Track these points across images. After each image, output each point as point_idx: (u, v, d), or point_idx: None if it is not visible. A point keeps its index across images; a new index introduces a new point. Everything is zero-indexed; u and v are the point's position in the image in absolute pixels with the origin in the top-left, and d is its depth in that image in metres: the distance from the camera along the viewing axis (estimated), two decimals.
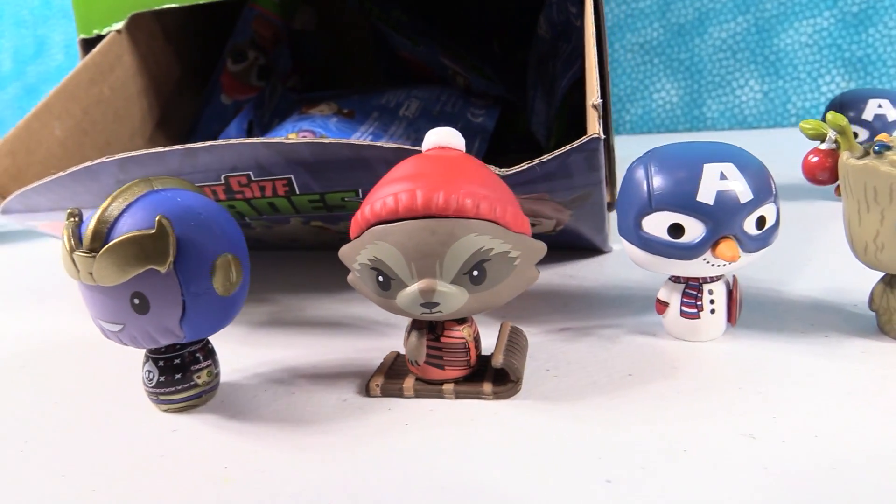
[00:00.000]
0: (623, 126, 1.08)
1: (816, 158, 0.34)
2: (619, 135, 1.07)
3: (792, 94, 1.00)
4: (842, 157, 0.33)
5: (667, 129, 1.05)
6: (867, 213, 0.33)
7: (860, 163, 0.32)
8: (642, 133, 1.07)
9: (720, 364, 0.34)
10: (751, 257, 0.34)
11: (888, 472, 0.25)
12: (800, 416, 0.29)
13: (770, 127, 0.99)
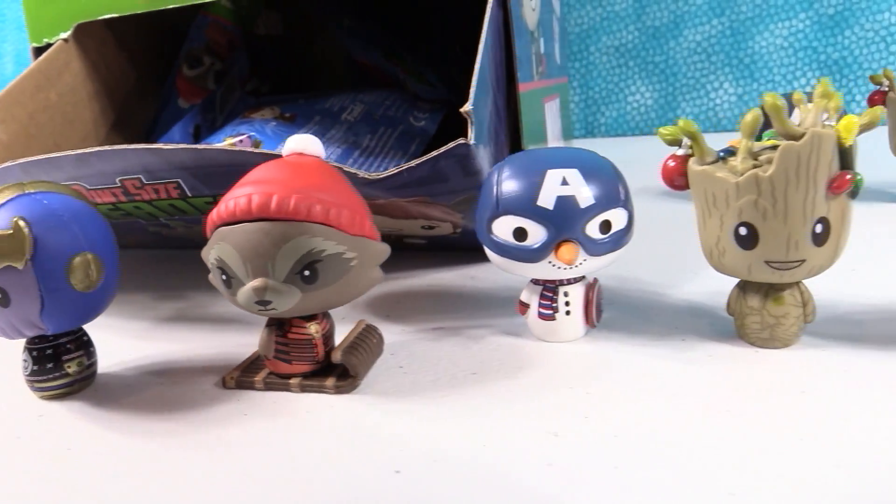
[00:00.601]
0: (598, 129, 1.08)
1: (673, 164, 0.34)
2: (595, 137, 1.07)
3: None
4: (689, 163, 0.34)
5: (641, 131, 1.05)
6: (709, 218, 0.33)
7: (699, 169, 0.33)
8: (617, 136, 1.08)
9: (565, 364, 0.35)
10: (599, 261, 0.35)
11: (678, 472, 0.26)
12: (613, 416, 0.30)
13: None
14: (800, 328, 0.34)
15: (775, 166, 0.30)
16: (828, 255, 0.32)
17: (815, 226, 0.31)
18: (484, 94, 0.42)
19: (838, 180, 0.31)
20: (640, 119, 1.06)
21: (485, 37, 0.43)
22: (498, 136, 0.48)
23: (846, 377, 0.31)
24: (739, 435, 0.27)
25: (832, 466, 0.25)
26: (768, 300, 0.34)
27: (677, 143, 0.35)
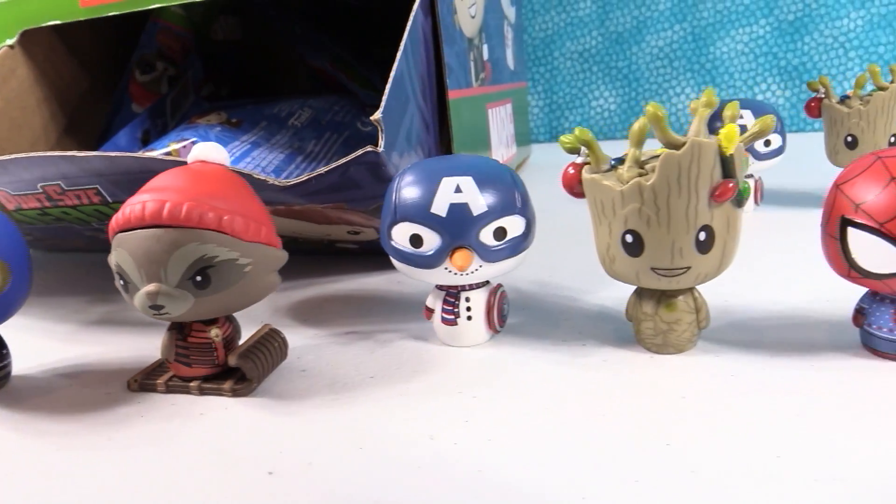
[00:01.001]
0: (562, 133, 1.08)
1: (572, 172, 0.35)
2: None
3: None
4: (582, 172, 0.35)
5: (605, 136, 1.06)
6: (600, 225, 0.34)
7: (589, 177, 0.34)
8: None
9: (461, 369, 0.35)
10: (496, 267, 0.35)
11: (540, 475, 0.26)
12: (492, 420, 0.30)
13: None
14: (693, 334, 0.35)
15: (657, 175, 0.31)
16: (714, 263, 0.33)
17: (698, 233, 0.31)
18: (401, 101, 0.43)
19: (720, 189, 0.31)
20: (603, 124, 1.06)
21: (404, 45, 0.44)
22: (424, 142, 0.48)
23: (732, 382, 0.32)
24: (607, 438, 0.28)
25: (688, 472, 0.26)
26: (661, 306, 0.34)
27: (576, 152, 0.35)
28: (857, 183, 0.31)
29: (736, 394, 0.31)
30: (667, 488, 0.25)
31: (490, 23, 0.65)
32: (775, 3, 0.95)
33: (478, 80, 0.60)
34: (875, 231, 0.30)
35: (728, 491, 0.24)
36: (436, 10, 0.49)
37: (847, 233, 0.31)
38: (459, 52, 0.54)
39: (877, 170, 0.31)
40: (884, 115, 0.55)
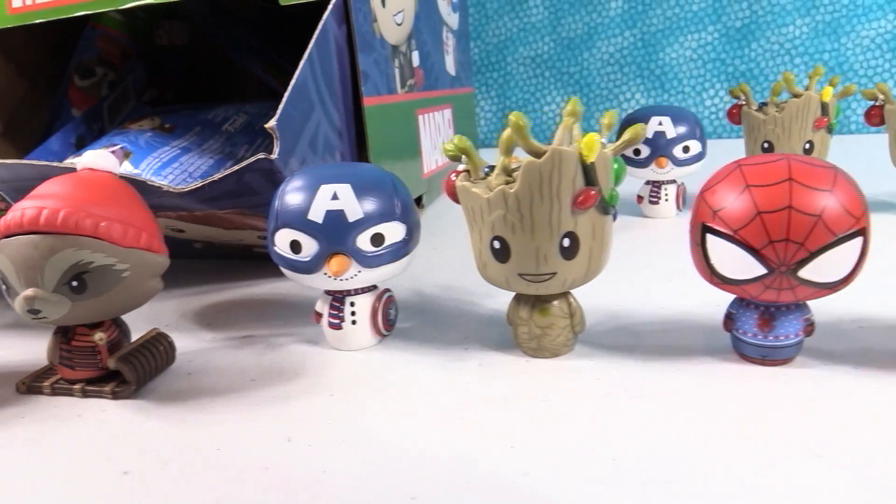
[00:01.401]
0: None
1: (453, 178, 0.36)
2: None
3: None
4: (457, 179, 0.35)
5: None
6: (473, 232, 0.34)
7: (460, 184, 0.34)
8: None
9: (340, 372, 0.36)
10: (375, 272, 0.36)
11: (386, 476, 0.27)
12: (354, 423, 0.31)
13: None
14: (568, 338, 0.36)
15: (519, 183, 0.31)
16: (581, 269, 0.33)
17: (562, 240, 0.32)
18: (303, 109, 0.44)
19: (582, 196, 0.32)
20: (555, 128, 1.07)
21: (308, 53, 0.44)
22: (337, 149, 0.49)
23: (595, 386, 0.33)
24: (456, 440, 0.29)
25: (521, 473, 0.26)
26: (535, 311, 0.35)
27: (459, 159, 0.36)
28: (716, 190, 0.32)
29: (595, 397, 0.32)
30: (499, 489, 0.25)
31: (422, 29, 0.66)
32: (723, 10, 0.96)
33: (405, 86, 0.61)
34: (730, 238, 0.31)
35: (555, 493, 0.25)
36: (350, 19, 0.50)
37: (706, 239, 0.32)
38: (379, 59, 0.54)
39: (735, 178, 0.32)
40: (798, 122, 0.55)
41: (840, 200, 0.30)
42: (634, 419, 0.30)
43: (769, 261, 0.30)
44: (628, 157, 0.59)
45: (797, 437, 0.27)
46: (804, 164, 0.31)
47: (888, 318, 0.38)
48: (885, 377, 0.32)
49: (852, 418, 0.29)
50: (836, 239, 0.30)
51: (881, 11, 0.94)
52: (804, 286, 0.30)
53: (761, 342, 0.33)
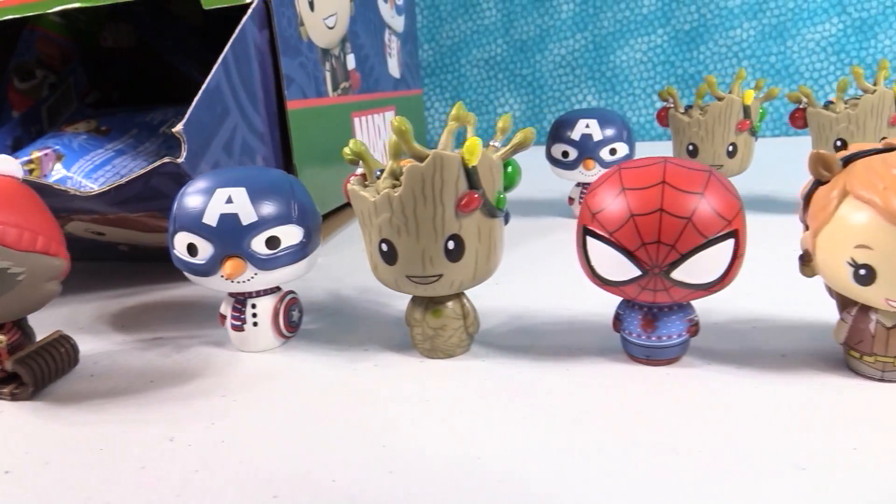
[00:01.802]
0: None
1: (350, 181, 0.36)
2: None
3: (627, 109, 1.01)
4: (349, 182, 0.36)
5: None
6: (364, 234, 0.35)
7: (350, 188, 0.35)
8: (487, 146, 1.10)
9: (238, 373, 0.36)
10: (273, 274, 0.36)
11: (246, 473, 0.27)
12: (236, 423, 0.31)
13: None
14: (462, 339, 0.36)
15: (403, 187, 0.32)
16: (468, 271, 0.34)
17: (447, 242, 0.33)
18: (216, 113, 0.44)
19: (466, 199, 0.32)
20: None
21: (223, 58, 0.45)
22: (258, 152, 0.49)
23: (480, 386, 0.33)
24: (327, 439, 0.29)
25: (386, 472, 0.27)
26: (428, 312, 0.36)
27: (356, 163, 0.36)
28: (596, 193, 0.33)
29: (475, 397, 0.32)
30: (363, 489, 0.26)
31: (359, 32, 0.66)
32: (672, 13, 0.97)
33: (338, 89, 0.61)
34: (606, 240, 0.31)
35: (418, 491, 0.25)
36: (272, 23, 0.50)
37: (587, 241, 0.33)
38: (307, 62, 0.55)
39: (613, 181, 0.32)
40: (721, 125, 0.56)
41: (711, 203, 0.30)
42: (508, 418, 0.30)
43: (643, 262, 0.31)
44: (557, 160, 0.60)
45: (662, 435, 0.28)
46: (679, 168, 0.31)
47: (782, 319, 0.39)
48: (762, 376, 0.32)
49: (720, 416, 0.29)
50: (707, 241, 0.30)
51: (826, 15, 0.96)
52: (678, 287, 0.31)
53: (645, 342, 0.34)
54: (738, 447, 0.27)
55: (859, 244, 0.29)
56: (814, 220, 0.31)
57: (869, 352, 0.31)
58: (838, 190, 0.30)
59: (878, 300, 0.29)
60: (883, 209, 0.28)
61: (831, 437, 0.27)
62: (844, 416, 0.29)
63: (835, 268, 0.30)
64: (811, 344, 0.35)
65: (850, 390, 0.31)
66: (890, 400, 0.30)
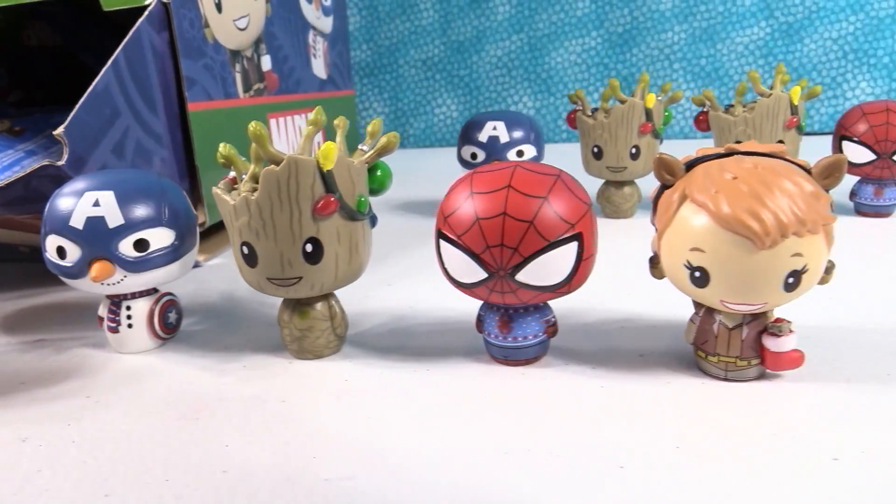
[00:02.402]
0: (407, 140, 1.11)
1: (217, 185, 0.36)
2: (405, 149, 1.10)
3: (563, 110, 1.03)
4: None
5: (448, 143, 1.08)
6: (230, 237, 0.35)
7: (214, 191, 0.35)
8: (425, 147, 1.10)
9: (110, 375, 0.36)
10: (144, 277, 0.37)
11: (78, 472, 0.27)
12: (100, 423, 0.31)
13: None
14: (330, 340, 0.37)
15: (259, 190, 0.32)
16: (329, 273, 0.34)
17: (305, 245, 0.33)
18: (104, 115, 0.44)
19: (322, 203, 0.33)
20: (446, 131, 1.09)
21: (113, 59, 0.45)
22: (155, 154, 0.49)
23: (339, 386, 0.34)
24: (170, 440, 0.30)
25: (220, 472, 0.27)
26: (295, 314, 0.36)
27: (228, 167, 0.37)
28: (449, 196, 0.33)
29: (330, 398, 0.33)
30: (198, 488, 0.26)
31: (277, 34, 0.66)
32: (606, 16, 0.98)
33: (250, 90, 0.61)
34: (455, 243, 0.32)
35: (257, 492, 0.26)
36: (172, 25, 0.50)
37: (440, 244, 0.33)
38: (212, 64, 0.55)
39: (464, 184, 0.33)
40: (624, 127, 0.57)
41: (554, 207, 0.31)
42: (354, 417, 0.31)
43: (488, 265, 0.32)
44: (467, 161, 0.61)
45: (498, 434, 0.29)
46: (527, 172, 0.32)
47: (651, 319, 0.40)
48: (615, 376, 0.33)
49: (559, 416, 0.30)
50: (549, 244, 0.31)
51: (754, 19, 0.97)
52: (524, 289, 0.32)
53: (502, 343, 0.34)
54: (567, 446, 0.28)
55: (694, 247, 0.30)
56: (658, 222, 0.32)
57: (713, 352, 0.32)
58: (679, 193, 0.31)
59: (714, 301, 0.31)
60: (714, 213, 0.29)
61: (657, 436, 0.28)
62: (678, 414, 0.30)
63: (675, 270, 0.31)
64: (670, 344, 0.36)
65: (692, 389, 0.32)
66: (727, 399, 0.31)
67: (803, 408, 0.30)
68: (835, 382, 0.32)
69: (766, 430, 0.28)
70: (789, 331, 0.31)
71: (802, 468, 0.25)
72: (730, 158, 0.31)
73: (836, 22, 0.95)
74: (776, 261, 0.29)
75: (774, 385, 0.32)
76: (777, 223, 0.28)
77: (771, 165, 0.30)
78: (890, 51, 0.95)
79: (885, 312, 0.39)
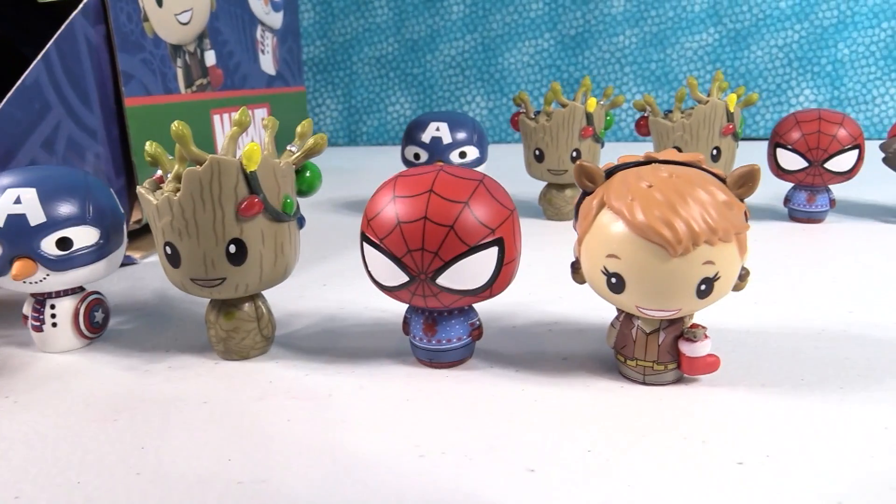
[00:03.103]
0: (360, 137, 1.11)
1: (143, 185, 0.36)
2: (357, 146, 1.10)
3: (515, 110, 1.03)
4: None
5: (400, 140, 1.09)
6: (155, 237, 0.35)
7: (138, 190, 0.35)
8: (378, 144, 1.10)
9: (31, 375, 0.36)
10: (68, 275, 0.36)
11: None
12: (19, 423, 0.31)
13: (496, 143, 1.03)
14: (256, 341, 0.37)
15: (182, 191, 0.32)
16: (253, 274, 0.34)
17: (228, 246, 0.33)
18: (33, 109, 0.43)
19: (246, 203, 0.33)
20: (399, 129, 1.09)
21: (44, 53, 0.44)
22: (89, 149, 0.49)
23: (261, 387, 0.34)
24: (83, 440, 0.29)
25: (134, 474, 0.27)
26: (221, 314, 0.36)
27: (155, 166, 0.36)
28: (374, 199, 0.34)
29: (250, 400, 0.33)
30: (110, 489, 0.26)
31: (222, 29, 0.66)
32: (558, 18, 0.99)
33: (192, 86, 0.61)
34: (378, 246, 0.32)
35: (168, 493, 0.26)
36: (108, 18, 0.50)
37: (364, 247, 0.34)
38: (151, 58, 0.54)
39: (388, 188, 0.33)
40: (565, 131, 0.58)
41: (476, 212, 0.32)
42: (275, 420, 0.31)
43: (410, 269, 0.32)
44: (410, 161, 0.61)
45: (414, 437, 0.29)
46: (451, 177, 0.33)
47: (579, 323, 0.40)
48: (536, 378, 0.34)
49: (475, 418, 0.31)
50: (470, 248, 0.31)
51: (703, 25, 0.99)
52: (446, 293, 0.32)
53: (427, 346, 0.35)
54: (481, 448, 0.28)
55: (610, 253, 0.30)
56: (579, 228, 0.32)
57: (632, 356, 0.33)
58: (598, 200, 0.31)
59: (630, 307, 0.31)
60: (629, 220, 0.29)
61: (570, 439, 0.29)
62: (594, 417, 0.30)
63: (594, 275, 0.32)
64: (595, 348, 0.37)
65: (610, 393, 0.32)
66: (644, 402, 0.31)
67: (715, 412, 0.30)
68: (749, 387, 0.33)
69: (678, 434, 0.29)
70: (704, 336, 0.32)
71: (708, 472, 0.26)
72: (647, 167, 0.31)
73: (781, 30, 0.97)
74: (689, 268, 0.29)
75: (690, 389, 0.32)
76: (689, 231, 0.28)
77: (686, 175, 0.30)
78: (833, 59, 0.98)
79: (809, 318, 0.40)
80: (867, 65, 0.96)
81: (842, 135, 0.57)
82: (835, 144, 0.57)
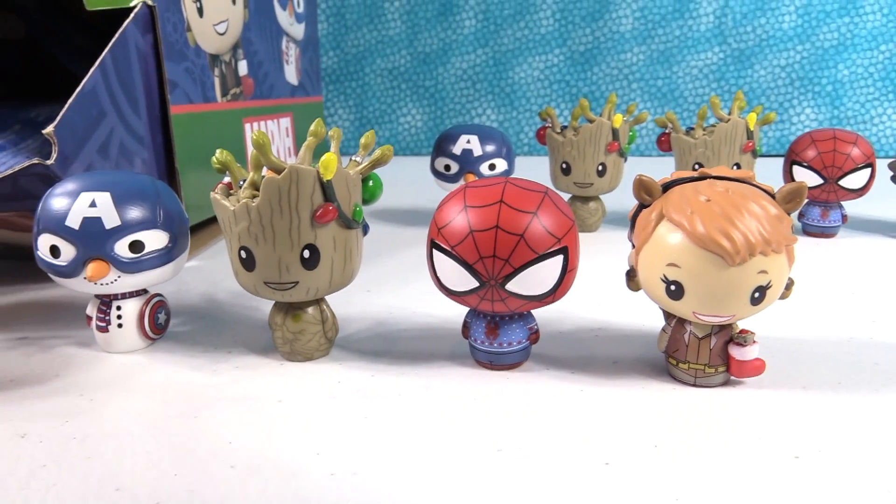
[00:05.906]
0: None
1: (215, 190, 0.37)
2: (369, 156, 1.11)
3: (525, 124, 1.06)
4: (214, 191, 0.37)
5: (412, 151, 1.10)
6: (227, 241, 0.36)
7: (213, 196, 0.36)
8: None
9: (93, 373, 0.37)
10: (137, 278, 0.37)
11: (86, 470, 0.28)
12: (93, 420, 0.32)
13: None
14: (321, 343, 0.38)
15: (260, 198, 0.34)
16: (324, 279, 0.36)
17: (303, 251, 0.34)
18: (91, 116, 0.45)
19: (321, 211, 0.34)
20: (410, 140, 1.10)
21: (101, 60, 0.45)
22: (137, 155, 0.50)
23: (330, 387, 0.35)
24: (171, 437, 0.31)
25: (228, 467, 0.28)
26: (288, 317, 0.37)
27: (224, 172, 0.38)
28: (444, 209, 0.35)
29: (325, 398, 0.34)
30: (205, 480, 0.27)
31: (253, 39, 0.67)
32: (568, 34, 1.02)
33: (227, 95, 0.62)
34: (449, 253, 0.34)
35: (254, 486, 0.27)
36: (157, 27, 0.51)
37: (434, 254, 0.35)
38: (192, 68, 0.56)
39: (458, 198, 0.35)
40: (592, 145, 0.60)
41: (544, 222, 0.33)
42: (351, 418, 0.32)
43: (481, 275, 0.33)
44: (440, 172, 0.62)
45: (491, 435, 0.31)
46: (518, 189, 0.34)
47: (624, 328, 0.42)
48: (591, 380, 0.35)
49: (544, 417, 0.32)
50: (538, 256, 0.33)
51: (708, 45, 1.02)
52: (514, 298, 0.34)
53: (488, 348, 0.36)
54: (553, 446, 0.30)
55: (670, 262, 0.32)
56: (637, 239, 0.34)
57: (684, 359, 0.35)
58: (656, 213, 0.33)
59: (687, 313, 0.33)
60: (689, 231, 0.31)
61: (637, 435, 0.30)
62: (654, 416, 0.32)
63: (652, 283, 0.33)
64: (643, 352, 0.39)
65: (664, 393, 0.34)
66: (697, 402, 0.33)
67: (766, 411, 0.32)
68: (791, 389, 0.34)
69: (735, 430, 0.30)
70: (753, 341, 0.34)
71: (768, 465, 0.28)
72: (703, 182, 0.33)
73: (784, 50, 1.01)
74: (745, 277, 0.31)
75: (738, 391, 0.34)
76: (746, 242, 0.30)
77: (740, 190, 0.32)
78: (833, 79, 1.01)
79: (834, 326, 0.42)
80: (866, 85, 0.99)
81: (856, 153, 0.60)
82: (849, 163, 0.60)
